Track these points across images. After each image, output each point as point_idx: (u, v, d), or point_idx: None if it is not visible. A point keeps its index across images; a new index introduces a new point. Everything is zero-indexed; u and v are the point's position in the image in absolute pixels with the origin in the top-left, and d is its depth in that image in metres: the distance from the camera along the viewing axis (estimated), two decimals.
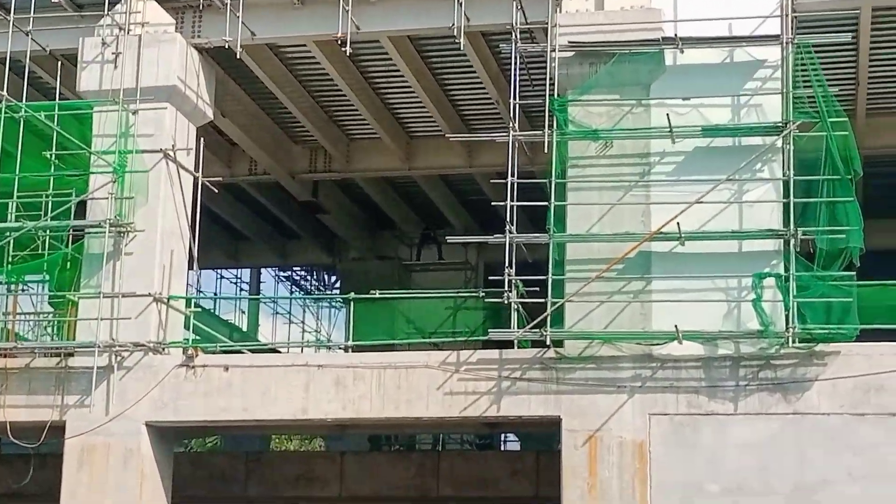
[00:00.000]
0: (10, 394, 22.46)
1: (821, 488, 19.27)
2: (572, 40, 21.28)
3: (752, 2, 20.94)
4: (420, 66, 26.33)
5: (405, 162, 31.15)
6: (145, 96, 22.96)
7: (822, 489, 19.26)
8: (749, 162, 20.61)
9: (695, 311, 20.24)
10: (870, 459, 19.21)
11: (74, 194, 22.95)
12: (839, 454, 19.33)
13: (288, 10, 23.55)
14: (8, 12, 23.32)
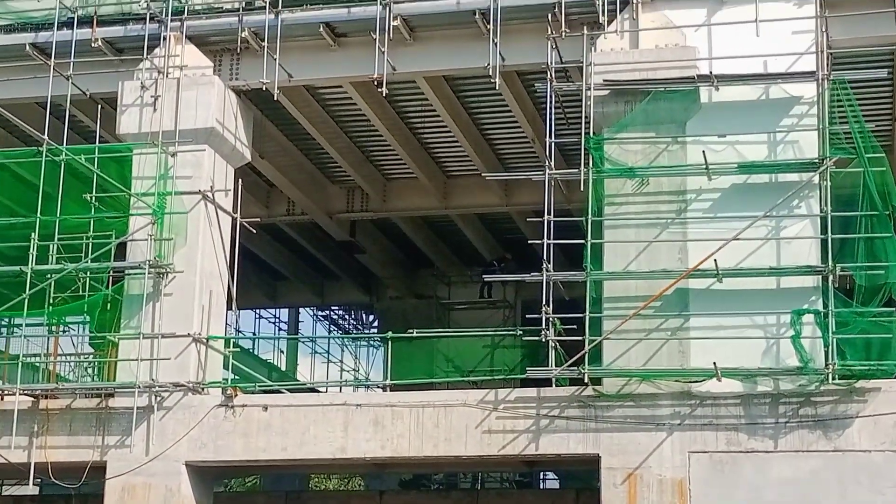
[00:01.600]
0: (52, 434, 22.54)
1: None
2: (607, 79, 21.37)
3: (787, 39, 20.96)
4: (456, 105, 26.43)
5: (442, 201, 31.19)
6: (184, 138, 23.21)
7: None
8: (786, 198, 20.58)
9: (733, 348, 20.20)
10: None
11: (114, 236, 23.07)
12: (882, 492, 19.26)
13: (324, 51, 23.69)
14: (48, 57, 23.53)
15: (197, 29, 23.94)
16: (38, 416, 22.86)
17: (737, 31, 21.31)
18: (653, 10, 21.94)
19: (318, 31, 23.23)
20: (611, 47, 21.86)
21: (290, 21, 23.33)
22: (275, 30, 23.11)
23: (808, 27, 21.06)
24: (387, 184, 31.38)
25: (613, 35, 21.92)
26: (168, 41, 23.70)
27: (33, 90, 24.40)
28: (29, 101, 25.11)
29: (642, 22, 21.90)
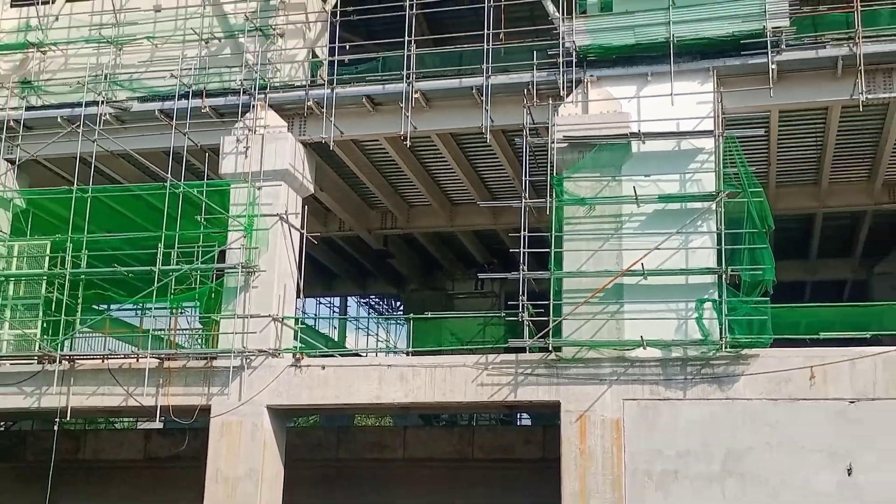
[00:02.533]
0: (172, 386, 22.85)
1: (746, 454, 19.53)
2: (566, 135, 21.60)
3: (693, 107, 21.14)
4: (458, 153, 26.42)
5: (449, 221, 31.01)
6: (266, 177, 23.31)
7: (747, 454, 19.52)
8: (692, 220, 20.82)
9: (655, 326, 20.49)
10: (781, 432, 19.48)
11: (217, 246, 23.29)
12: (759, 429, 19.60)
13: (365, 115, 23.65)
14: (171, 119, 23.74)
15: (275, 99, 23.87)
16: (162, 373, 23.02)
17: (657, 102, 21.40)
18: (598, 86, 21.98)
19: (361, 101, 23.24)
20: (568, 113, 21.94)
21: (342, 94, 23.27)
22: (331, 100, 23.15)
23: (708, 99, 21.14)
24: (409, 209, 31.12)
25: (570, 104, 21.99)
26: (255, 108, 23.75)
27: (160, 142, 24.32)
28: (156, 150, 24.92)
29: (591, 95, 21.97)
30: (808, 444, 19.30)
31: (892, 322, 20.44)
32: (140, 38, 24.86)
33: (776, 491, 19.22)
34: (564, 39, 21.87)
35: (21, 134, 24.82)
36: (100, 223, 24.29)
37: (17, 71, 25.73)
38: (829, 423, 19.32)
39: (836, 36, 20.65)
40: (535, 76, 22.08)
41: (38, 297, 24.24)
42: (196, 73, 24.38)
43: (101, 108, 24.17)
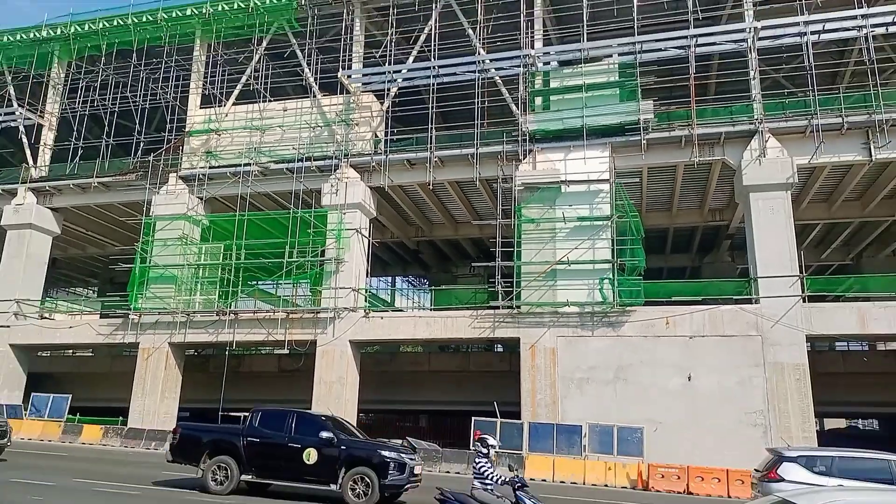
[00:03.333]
0: (293, 328, 23.03)
1: (628, 368, 20.02)
2: (523, 182, 22.01)
3: (597, 164, 21.53)
4: (460, 192, 26.33)
5: (454, 232, 30.86)
6: (348, 207, 23.56)
7: (629, 368, 20.00)
8: (597, 231, 21.26)
9: (575, 293, 20.88)
10: (649, 355, 20.01)
11: (320, 247, 23.46)
12: (636, 353, 20.12)
13: (405, 170, 23.83)
14: (292, 173, 23.92)
15: (353, 161, 23.90)
16: (288, 321, 23.18)
17: (576, 162, 21.76)
18: (542, 153, 22.22)
19: (403, 162, 23.59)
20: (524, 169, 22.21)
21: (392, 158, 23.59)
22: (385, 162, 23.54)
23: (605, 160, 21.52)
24: (431, 225, 30.70)
25: (526, 164, 22.29)
26: (341, 167, 23.82)
27: (286, 187, 24.33)
28: (284, 192, 24.68)
29: (537, 158, 22.25)
30: (665, 361, 19.82)
31: (713, 291, 20.98)
32: (274, 126, 25.01)
33: (646, 389, 19.70)
34: (521, 126, 22.38)
35: (206, 182, 25.17)
36: (251, 234, 24.31)
37: (203, 146, 25.85)
38: (678, 349, 19.83)
39: (680, 123, 21.20)
40: (504, 147, 22.62)
41: (217, 277, 24.44)
42: (307, 146, 24.48)
43: (252, 167, 24.49)
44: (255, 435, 11.57)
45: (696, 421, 18.99)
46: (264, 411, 12.05)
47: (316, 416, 12.18)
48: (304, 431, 11.42)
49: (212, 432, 12.35)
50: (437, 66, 23.45)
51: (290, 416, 11.71)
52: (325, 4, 25.03)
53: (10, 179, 28.18)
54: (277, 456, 11.35)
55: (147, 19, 26.35)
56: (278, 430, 11.51)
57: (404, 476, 10.98)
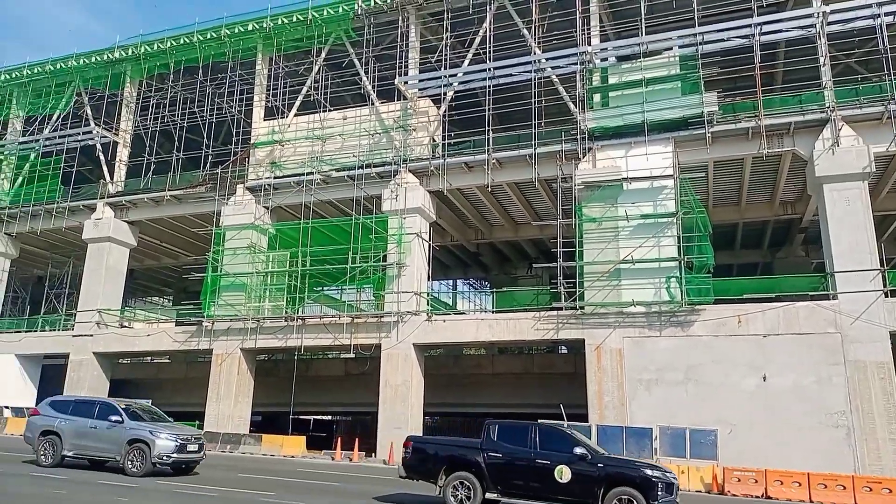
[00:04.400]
0: (358, 332, 23.64)
1: (699, 367, 19.70)
2: (583, 181, 21.97)
3: (660, 160, 21.28)
4: (519, 193, 26.37)
5: (514, 234, 30.87)
6: (408, 212, 23.99)
7: (700, 368, 19.68)
8: (661, 228, 20.99)
9: (641, 292, 20.69)
10: (721, 354, 19.64)
11: (382, 252, 24.04)
12: (707, 352, 19.78)
13: (464, 173, 24.14)
14: (353, 180, 24.62)
15: (412, 166, 24.33)
16: (353, 325, 23.78)
17: (638, 158, 21.54)
18: (602, 151, 22.14)
19: (461, 165, 23.88)
20: (584, 167, 22.19)
21: (450, 162, 23.92)
22: (443, 166, 23.90)
23: (669, 155, 21.29)
24: (491, 227, 30.78)
25: (585, 162, 22.27)
26: (400, 172, 24.40)
27: (348, 194, 25.06)
28: (346, 199, 25.39)
29: (597, 156, 22.17)
30: (737, 361, 19.44)
31: (787, 288, 20.36)
32: (335, 135, 25.77)
33: (718, 390, 19.36)
34: (580, 124, 22.35)
35: (272, 192, 26.13)
36: (316, 241, 24.98)
37: (268, 157, 26.80)
38: (750, 348, 19.42)
39: (747, 115, 20.77)
40: (563, 147, 22.65)
41: (284, 283, 25.22)
42: (367, 154, 25.09)
43: (314, 176, 25.29)
44: (496, 450, 10.89)
45: (772, 422, 18.55)
46: (501, 424, 11.39)
47: (563, 429, 11.42)
48: (551, 446, 10.73)
49: (446, 446, 11.87)
50: (492, 68, 23.65)
51: (532, 430, 11.04)
52: (380, 13, 25.68)
53: (90, 195, 30.07)
54: (524, 473, 10.65)
55: (211, 36, 27.66)
56: (521, 444, 10.84)
57: (672, 498, 10.09)
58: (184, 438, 13.91)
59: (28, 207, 30.03)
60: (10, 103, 32.29)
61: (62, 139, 29.99)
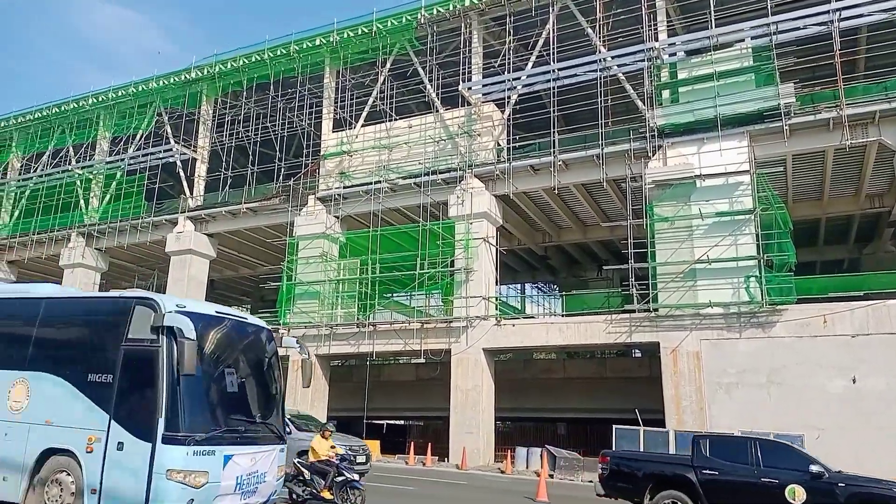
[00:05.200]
0: (428, 338, 24.07)
1: (782, 370, 19.20)
2: (654, 179, 21.77)
3: (735, 155, 20.84)
4: (587, 194, 26.31)
5: (583, 236, 30.77)
6: (474, 217, 24.32)
7: (783, 370, 19.19)
8: (739, 225, 20.52)
9: (719, 293, 20.29)
10: (804, 356, 19.07)
11: (449, 258, 24.44)
12: (790, 355, 19.23)
13: (529, 176, 24.28)
14: (420, 187, 25.20)
15: (477, 171, 24.66)
16: (423, 330, 24.30)
17: (711, 154, 21.16)
18: (672, 148, 21.90)
19: (527, 168, 24.06)
20: (654, 166, 21.98)
21: (515, 166, 24.13)
22: (509, 170, 24.11)
23: (744, 150, 20.81)
24: (559, 229, 30.75)
25: (655, 160, 22.06)
26: (466, 178, 24.73)
27: (414, 201, 25.63)
28: (412, 206, 25.88)
29: (668, 154, 21.93)
30: (823, 363, 18.82)
31: (876, 285, 19.57)
32: (401, 143, 26.44)
33: (802, 393, 18.81)
34: (649, 122, 22.12)
35: (341, 202, 27.02)
36: (384, 248, 25.63)
37: (337, 167, 27.72)
38: (838, 349, 18.76)
39: (827, 105, 20.05)
40: (631, 145, 22.48)
41: (355, 290, 26.01)
42: (432, 160, 25.62)
43: (382, 184, 25.99)
44: (710, 466, 10.16)
45: (864, 427, 17.81)
46: (713, 437, 10.96)
47: (791, 445, 10.71)
48: (777, 463, 9.92)
49: (650, 462, 11.24)
50: (556, 69, 23.69)
51: (752, 444, 10.28)
52: (443, 20, 26.20)
53: (172, 210, 31.97)
54: (747, 493, 9.81)
55: (281, 52, 28.88)
56: (740, 460, 10.09)
57: None
58: (353, 450, 13.56)
59: (116, 223, 32.12)
60: (98, 125, 34.61)
61: (145, 157, 31.93)
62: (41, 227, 34.32)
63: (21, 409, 8.76)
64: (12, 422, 8.74)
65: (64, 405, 8.38)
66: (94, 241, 33.42)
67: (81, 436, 8.03)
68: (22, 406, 8.77)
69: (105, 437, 7.82)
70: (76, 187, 33.93)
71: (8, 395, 8.92)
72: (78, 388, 8.32)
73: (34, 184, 35.34)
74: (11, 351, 9.33)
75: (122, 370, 8.02)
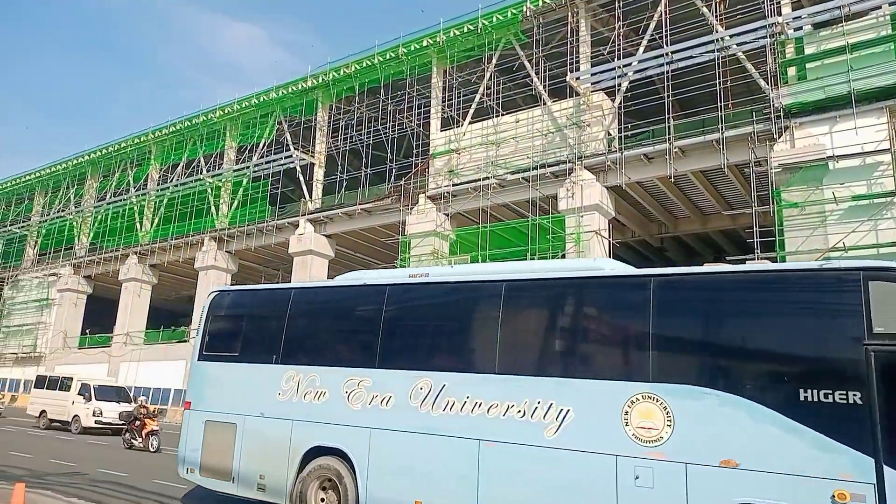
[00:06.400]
0: None
1: None
2: (780, 163, 20.67)
3: (872, 134, 19.43)
4: (706, 181, 25.46)
5: (703, 226, 29.85)
6: (585, 210, 24.22)
7: None
8: (880, 209, 19.04)
9: None
10: None
11: (560, 252, 24.28)
12: None
13: (643, 166, 23.93)
14: (528, 181, 25.25)
15: (588, 163, 24.58)
16: None
17: (845, 134, 19.86)
18: (801, 128, 20.81)
19: (640, 157, 23.67)
20: (780, 149, 20.93)
21: (627, 155, 23.71)
22: (621, 160, 23.71)
23: (883, 128, 19.39)
24: (676, 220, 30.01)
25: (782, 143, 21.03)
26: (575, 170, 24.71)
27: (523, 195, 25.68)
28: (521, 201, 26.00)
29: (796, 135, 20.84)
30: None
31: None
32: (508, 138, 26.82)
33: None
34: (773, 102, 21.13)
35: (450, 199, 27.73)
36: (494, 244, 25.96)
37: (446, 165, 28.54)
38: None
39: None
40: (754, 128, 21.57)
41: None
42: (540, 154, 25.79)
43: (490, 180, 26.48)
44: None
45: None
46: None
47: None
48: None
49: None
50: (669, 53, 23.11)
51: None
52: (549, 11, 26.33)
53: (293, 213, 34.31)
54: None
55: (390, 56, 30.21)
56: None
57: None
58: None
59: (243, 227, 35.01)
60: (225, 136, 37.80)
61: (268, 164, 34.54)
62: (177, 233, 37.98)
63: (659, 439, 6.35)
64: (648, 459, 6.31)
65: (754, 436, 5.89)
66: (224, 245, 36.48)
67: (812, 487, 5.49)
68: (660, 436, 6.35)
69: (874, 491, 5.24)
70: (207, 195, 37.20)
71: (626, 416, 6.57)
72: (780, 412, 5.81)
73: (171, 193, 39.11)
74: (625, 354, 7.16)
75: (879, 383, 5.42)
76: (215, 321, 10.66)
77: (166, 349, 37.36)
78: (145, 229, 40.53)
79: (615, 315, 7.45)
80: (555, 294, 7.96)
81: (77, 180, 45.85)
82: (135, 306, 40.04)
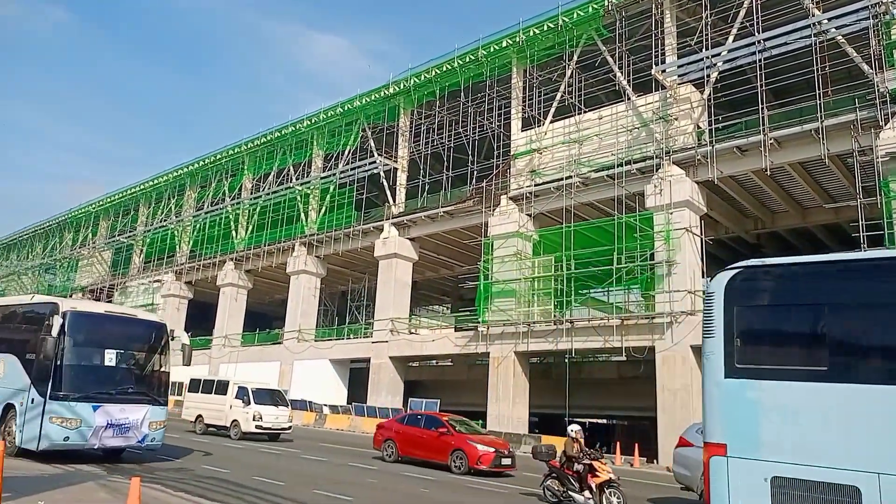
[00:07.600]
0: (628, 335, 23.99)
1: None
2: (888, 152, 19.68)
3: None
4: (804, 173, 24.40)
5: (802, 220, 28.45)
6: (675, 206, 23.80)
7: None
8: None
9: None
10: None
11: (648, 251, 24.11)
12: None
13: (736, 159, 23.24)
14: (613, 179, 25.10)
15: (676, 158, 24.12)
16: (623, 327, 24.16)
17: None
18: None
19: (732, 150, 23.08)
20: (887, 136, 19.87)
21: (719, 149, 23.22)
22: (712, 154, 23.18)
23: None
24: (773, 214, 28.79)
25: (889, 130, 19.92)
26: (663, 165, 24.31)
27: (608, 193, 25.50)
28: (606, 199, 25.83)
29: None
30: None
31: None
32: (591, 135, 26.68)
33: None
34: (878, 87, 20.02)
35: (533, 200, 27.91)
36: (578, 244, 25.88)
37: (527, 166, 28.70)
38: None
39: None
40: (857, 115, 20.53)
41: (550, 287, 26.66)
42: (625, 151, 25.51)
43: (573, 179, 26.42)
44: None
45: None
46: None
47: None
48: None
49: None
50: (762, 40, 22.27)
51: None
52: (631, 4, 26.01)
53: (378, 218, 35.38)
54: None
55: (469, 59, 30.67)
56: None
57: None
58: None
59: (331, 232, 36.37)
60: (312, 145, 39.38)
61: (353, 171, 35.74)
62: (270, 239, 39.93)
63: None
64: None
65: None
66: (313, 250, 38.04)
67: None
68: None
69: None
70: (297, 202, 38.85)
71: None
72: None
73: (263, 201, 41.14)
74: None
75: None
76: (749, 314, 6.90)
77: (262, 350, 39.37)
78: (240, 236, 42.76)
79: None
80: None
81: (177, 191, 48.87)
82: (232, 310, 42.37)
